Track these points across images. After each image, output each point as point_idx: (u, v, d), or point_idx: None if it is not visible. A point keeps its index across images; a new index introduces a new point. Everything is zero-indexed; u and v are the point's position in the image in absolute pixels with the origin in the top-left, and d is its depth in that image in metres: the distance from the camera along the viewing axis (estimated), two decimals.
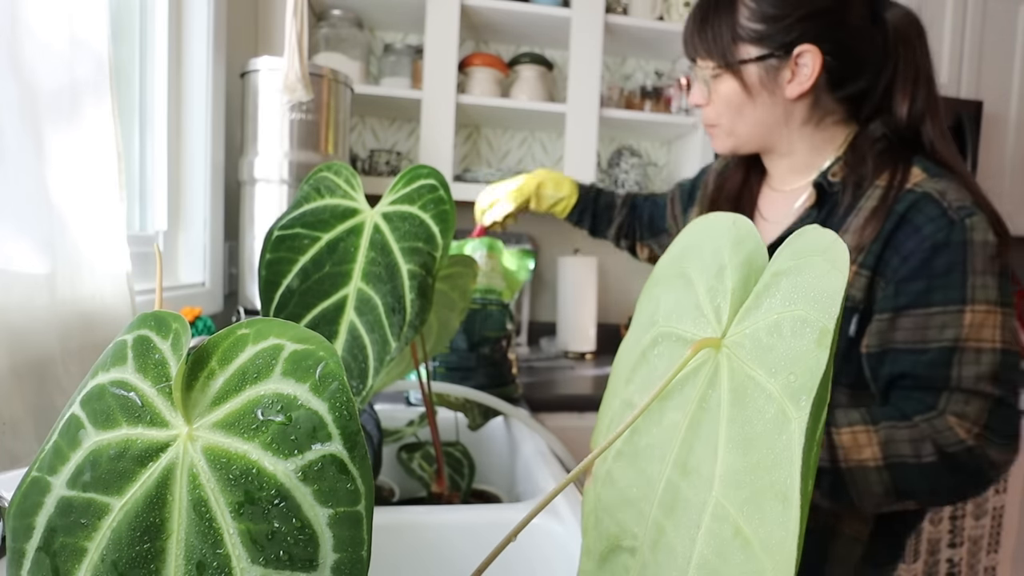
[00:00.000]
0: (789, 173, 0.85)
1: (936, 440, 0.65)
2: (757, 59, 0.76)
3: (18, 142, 0.59)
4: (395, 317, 0.47)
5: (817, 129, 0.81)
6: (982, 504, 1.72)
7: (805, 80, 0.75)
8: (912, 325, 0.68)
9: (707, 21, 0.79)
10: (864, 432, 0.67)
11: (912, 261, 0.68)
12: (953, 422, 0.65)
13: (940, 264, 0.67)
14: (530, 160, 2.04)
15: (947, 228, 0.67)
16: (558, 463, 0.77)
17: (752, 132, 0.82)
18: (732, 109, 0.81)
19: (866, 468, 0.66)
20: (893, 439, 0.66)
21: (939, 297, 0.67)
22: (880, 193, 0.73)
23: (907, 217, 0.70)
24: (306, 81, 0.94)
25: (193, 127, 1.21)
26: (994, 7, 1.94)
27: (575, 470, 0.26)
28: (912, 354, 0.68)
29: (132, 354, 0.25)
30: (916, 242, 0.69)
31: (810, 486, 0.22)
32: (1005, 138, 1.99)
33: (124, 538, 0.22)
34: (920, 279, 0.68)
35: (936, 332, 0.67)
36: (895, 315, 0.69)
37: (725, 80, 0.79)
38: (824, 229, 0.25)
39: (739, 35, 0.77)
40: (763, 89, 0.78)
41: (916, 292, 0.68)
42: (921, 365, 0.67)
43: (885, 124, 0.77)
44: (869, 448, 0.66)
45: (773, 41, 0.75)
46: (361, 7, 1.73)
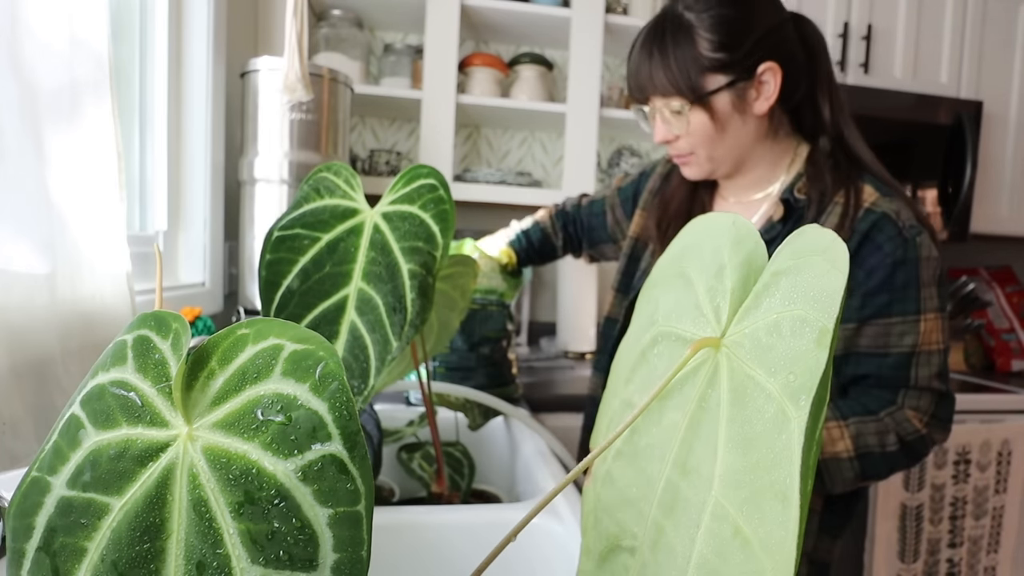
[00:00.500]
0: (744, 188, 0.89)
1: (898, 431, 0.75)
2: (727, 86, 0.79)
3: (18, 142, 0.59)
4: (396, 316, 0.47)
5: (775, 142, 0.86)
6: (982, 504, 1.73)
7: (771, 95, 0.79)
8: (875, 333, 0.77)
9: (668, 57, 0.79)
10: (836, 427, 0.75)
11: (876, 276, 0.77)
12: (911, 415, 0.77)
13: (899, 279, 0.76)
14: (530, 160, 2.04)
15: (903, 246, 0.76)
16: (558, 463, 0.77)
17: (729, 155, 0.84)
18: (707, 139, 0.82)
19: (839, 459, 0.74)
20: (862, 432, 0.75)
21: (898, 308, 0.76)
22: (840, 211, 0.79)
23: (869, 235, 0.77)
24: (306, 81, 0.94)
25: (193, 127, 1.21)
26: (994, 7, 1.94)
27: (575, 470, 0.26)
28: (875, 358, 0.77)
29: (132, 354, 0.25)
30: (878, 259, 0.77)
31: (810, 486, 0.22)
32: (1005, 138, 1.99)
33: (124, 538, 0.22)
34: (883, 293, 0.76)
35: (896, 339, 0.77)
36: (860, 324, 0.77)
37: (696, 113, 0.80)
38: (824, 229, 0.25)
39: (704, 66, 0.78)
40: (735, 112, 0.80)
41: (879, 304, 0.77)
42: (885, 367, 0.77)
43: (831, 139, 0.84)
44: (842, 441, 0.74)
45: (739, 66, 0.78)
46: (361, 7, 1.73)
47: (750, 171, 0.87)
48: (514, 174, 1.80)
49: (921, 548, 1.65)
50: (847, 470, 0.74)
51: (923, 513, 1.64)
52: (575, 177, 1.77)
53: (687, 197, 0.94)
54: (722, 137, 0.82)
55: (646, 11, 1.82)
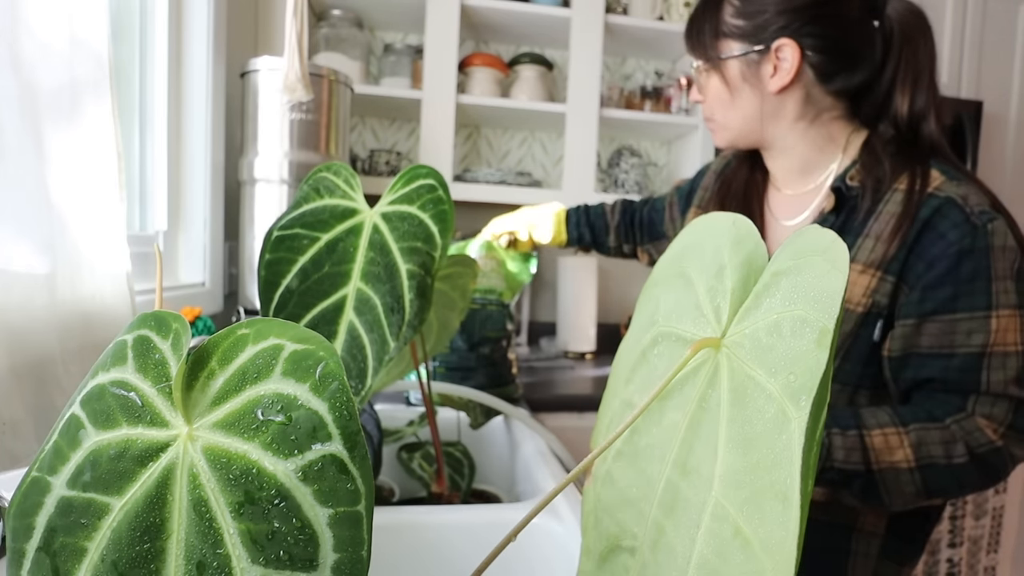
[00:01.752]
0: (792, 174, 0.84)
1: (967, 441, 0.67)
2: (738, 55, 0.78)
3: (18, 142, 0.59)
4: (394, 317, 0.47)
5: (812, 125, 0.80)
6: (982, 504, 1.73)
7: (786, 74, 0.76)
8: (938, 331, 0.69)
9: (696, 19, 0.82)
10: (895, 434, 0.67)
11: (938, 267, 0.69)
12: (982, 423, 0.67)
13: (965, 271, 0.68)
14: (530, 160, 2.04)
15: (971, 234, 0.68)
16: (558, 463, 0.77)
17: (742, 126, 0.83)
18: (720, 104, 0.83)
19: (898, 470, 0.66)
20: (925, 441, 0.67)
21: (965, 303, 0.68)
22: (901, 197, 0.72)
23: (931, 223, 0.70)
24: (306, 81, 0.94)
25: (193, 127, 1.21)
26: (994, 7, 1.94)
27: (575, 470, 0.26)
28: (939, 359, 0.69)
29: (132, 354, 0.25)
30: (941, 248, 0.69)
31: (810, 486, 0.22)
32: (1005, 138, 1.99)
33: (124, 538, 0.22)
34: (946, 285, 0.68)
35: (963, 337, 0.68)
36: (921, 320, 0.70)
37: (711, 76, 0.82)
38: (824, 229, 0.25)
39: (722, 32, 0.79)
40: (744, 83, 0.79)
41: (942, 298, 0.68)
42: (951, 370, 0.69)
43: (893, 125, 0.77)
44: (901, 450, 0.67)
45: (753, 37, 0.77)
46: (361, 7, 1.73)
47: (787, 152, 0.83)
48: (514, 174, 1.80)
49: None
50: (907, 483, 0.67)
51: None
52: (575, 177, 1.77)
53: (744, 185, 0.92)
54: (732, 106, 0.82)
55: (646, 11, 1.82)
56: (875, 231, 0.73)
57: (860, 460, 0.67)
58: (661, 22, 1.81)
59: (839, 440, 0.68)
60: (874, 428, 0.68)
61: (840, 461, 0.67)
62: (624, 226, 1.20)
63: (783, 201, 0.87)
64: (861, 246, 0.74)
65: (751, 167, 0.92)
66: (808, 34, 0.75)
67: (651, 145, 2.12)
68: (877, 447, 0.67)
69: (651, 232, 1.17)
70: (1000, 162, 1.99)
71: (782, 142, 0.82)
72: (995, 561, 1.75)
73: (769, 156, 0.87)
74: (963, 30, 1.91)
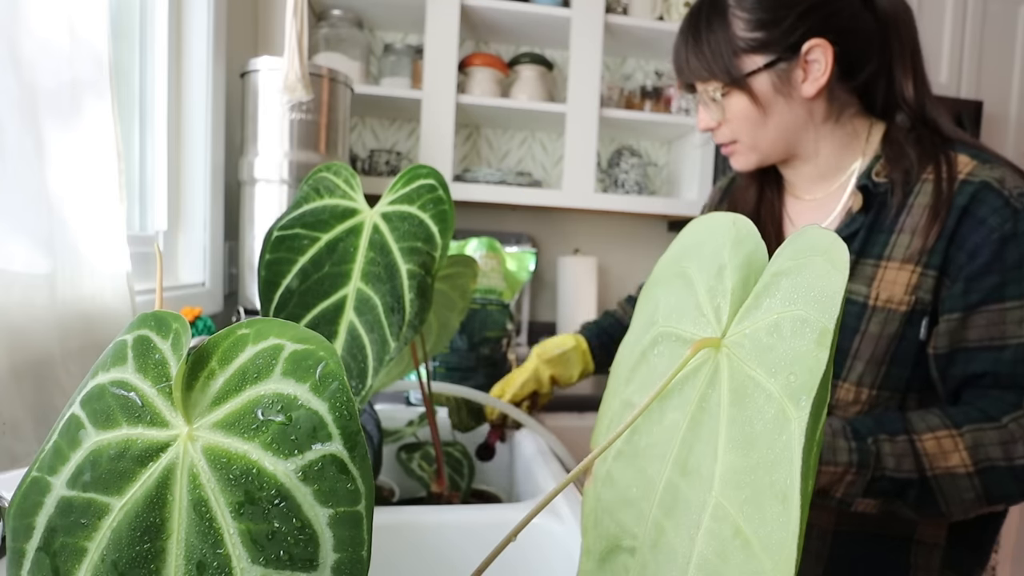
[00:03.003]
0: (812, 180, 0.81)
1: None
2: (765, 67, 0.73)
3: (18, 141, 0.59)
4: (394, 317, 0.47)
5: (838, 124, 0.78)
6: None
7: (820, 75, 0.73)
8: (986, 322, 0.66)
9: (701, 41, 0.76)
10: (948, 437, 0.63)
11: (981, 256, 0.66)
12: None
13: (1011, 256, 0.65)
14: (530, 160, 2.04)
15: (1012, 218, 0.65)
16: (558, 463, 0.77)
17: (776, 141, 0.78)
18: (750, 124, 0.77)
19: (955, 475, 0.63)
20: (982, 442, 0.63)
21: (1014, 291, 0.65)
22: (932, 187, 0.70)
23: (969, 210, 0.67)
24: (306, 81, 0.94)
25: (193, 127, 1.21)
26: (994, 7, 1.94)
27: (575, 470, 0.26)
28: (990, 352, 0.65)
29: (132, 354, 0.25)
30: (982, 235, 0.66)
31: (810, 486, 0.22)
32: (1005, 138, 1.99)
33: (124, 538, 0.22)
34: (992, 274, 0.65)
35: (1015, 327, 0.65)
36: (967, 313, 0.66)
37: (735, 97, 0.76)
38: (824, 229, 0.25)
39: (739, 47, 0.74)
40: (778, 95, 0.74)
41: (988, 288, 0.65)
42: (1003, 363, 0.65)
43: (908, 112, 0.75)
44: (957, 454, 0.63)
45: (778, 45, 0.72)
46: (361, 7, 1.73)
47: (811, 159, 0.79)
48: (514, 174, 1.80)
49: None
50: (966, 489, 0.62)
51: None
52: (575, 177, 1.77)
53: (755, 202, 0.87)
54: (766, 122, 0.76)
55: (646, 11, 1.82)
56: (909, 225, 0.70)
57: (913, 467, 0.63)
58: (661, 22, 1.81)
59: (888, 447, 0.63)
60: (924, 432, 0.64)
61: (891, 469, 0.63)
62: None
63: (804, 209, 0.83)
64: (896, 243, 0.71)
65: (760, 180, 0.88)
66: (829, 31, 0.72)
67: (651, 145, 2.12)
68: (930, 452, 0.63)
69: None
70: None
71: (810, 148, 0.79)
72: (995, 561, 1.75)
73: (790, 166, 0.83)
74: (963, 30, 1.91)
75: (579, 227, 2.08)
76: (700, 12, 0.77)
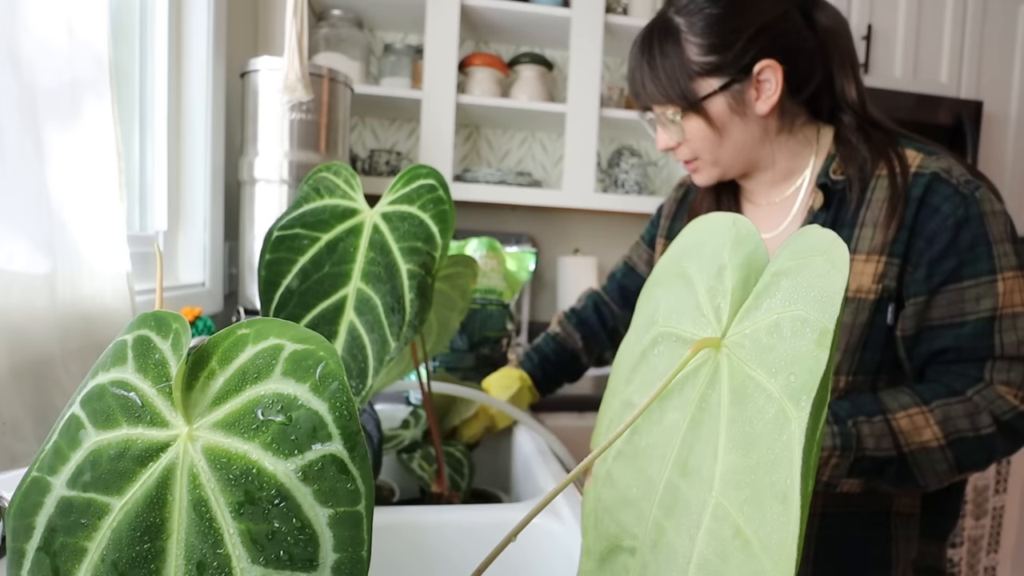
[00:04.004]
0: (770, 185, 0.86)
1: (991, 410, 0.67)
2: (720, 89, 0.76)
3: (18, 142, 0.59)
4: (394, 317, 0.47)
5: (791, 135, 0.82)
6: (982, 504, 1.72)
7: (772, 94, 0.76)
8: (947, 302, 0.70)
9: (655, 66, 0.78)
10: (920, 413, 0.68)
11: (938, 241, 0.70)
12: (1003, 390, 0.68)
13: (965, 239, 0.69)
14: (530, 160, 2.04)
15: (963, 204, 0.70)
16: (558, 463, 0.77)
17: (735, 157, 0.82)
18: (709, 143, 0.80)
19: (929, 449, 0.67)
20: (950, 416, 0.67)
21: (969, 271, 0.69)
22: (887, 182, 0.74)
23: (924, 200, 0.72)
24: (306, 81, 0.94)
25: (193, 127, 1.21)
26: (994, 7, 1.94)
27: (575, 470, 0.26)
28: (951, 328, 0.70)
29: (132, 354, 0.25)
30: (937, 222, 0.70)
31: (810, 486, 0.22)
32: (1005, 138, 1.99)
33: (124, 538, 0.22)
34: (949, 257, 0.70)
35: (972, 304, 0.69)
36: (930, 296, 0.71)
37: (692, 120, 0.79)
38: (824, 229, 0.25)
39: (693, 71, 0.76)
40: (734, 115, 0.78)
41: (948, 270, 0.70)
42: (963, 338, 0.69)
43: (852, 113, 0.80)
44: (929, 429, 0.67)
45: (731, 67, 0.76)
46: (361, 7, 1.73)
47: (768, 168, 0.84)
48: (514, 174, 1.80)
49: None
50: (939, 461, 0.67)
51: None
52: (575, 177, 1.77)
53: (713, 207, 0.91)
54: (723, 141, 0.80)
55: (646, 11, 1.82)
56: (870, 219, 0.74)
57: (891, 445, 0.67)
58: None
59: (867, 428, 0.68)
60: (898, 411, 0.69)
61: (872, 449, 0.67)
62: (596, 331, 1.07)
63: (760, 214, 0.87)
64: (860, 236, 0.75)
65: (717, 189, 0.91)
66: (777, 51, 0.76)
67: (651, 145, 2.12)
68: (905, 429, 0.68)
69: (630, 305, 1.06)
70: (1000, 162, 1.99)
71: (767, 160, 0.83)
72: (995, 561, 1.75)
73: (748, 176, 0.86)
74: (963, 30, 1.91)
75: (579, 227, 2.08)
76: (652, 37, 0.79)
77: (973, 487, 1.70)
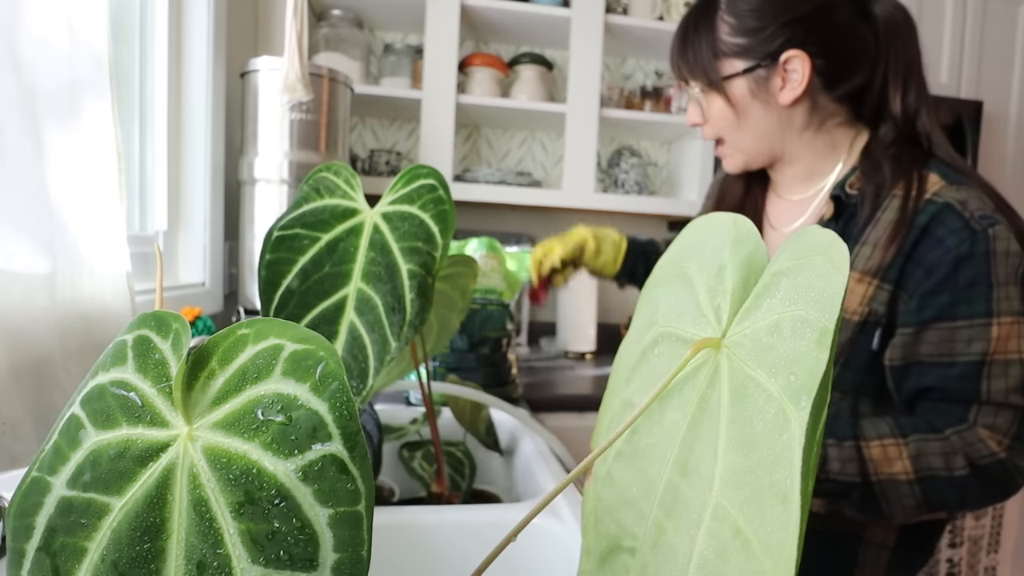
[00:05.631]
0: (795, 181, 0.84)
1: (968, 453, 0.65)
2: (744, 72, 0.76)
3: (18, 142, 0.59)
4: (395, 317, 0.47)
5: (819, 133, 0.80)
6: None
7: (797, 85, 0.75)
8: (937, 339, 0.68)
9: (687, 42, 0.79)
10: (894, 445, 0.66)
11: (936, 275, 0.68)
12: (984, 435, 0.66)
13: (964, 277, 0.67)
14: (530, 160, 2.04)
15: (970, 240, 0.67)
16: (558, 463, 0.77)
17: (756, 144, 0.81)
18: (727, 124, 0.80)
19: (897, 481, 0.66)
20: (924, 452, 0.66)
21: (964, 310, 0.67)
22: (899, 204, 0.72)
23: (929, 229, 0.69)
24: (306, 81, 0.94)
25: (193, 127, 1.21)
26: (994, 7, 1.94)
27: (575, 470, 0.26)
28: (939, 367, 0.68)
29: (132, 354, 0.25)
30: (939, 255, 0.68)
31: (810, 487, 0.22)
32: (1005, 138, 1.99)
33: (124, 538, 0.22)
34: (944, 293, 0.67)
35: (963, 346, 0.67)
36: (920, 329, 0.69)
37: (713, 98, 0.79)
38: (824, 229, 0.25)
39: (721, 51, 0.76)
40: (755, 100, 0.77)
41: (941, 306, 0.67)
42: (950, 379, 0.67)
43: (895, 127, 0.76)
44: (900, 462, 0.66)
45: (757, 52, 0.75)
46: (361, 7, 1.73)
47: (793, 163, 0.82)
48: (514, 174, 1.80)
49: None
50: (907, 495, 0.66)
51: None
52: (575, 177, 1.77)
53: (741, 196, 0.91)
54: (741, 125, 0.79)
55: (646, 11, 1.82)
56: (873, 238, 0.73)
57: (856, 471, 0.67)
58: (661, 22, 1.81)
59: (834, 451, 0.67)
60: (872, 439, 0.67)
61: (836, 472, 0.67)
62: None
63: (783, 207, 0.86)
64: (859, 253, 0.73)
65: (749, 177, 0.91)
66: (812, 43, 0.74)
67: (651, 145, 2.12)
68: (875, 458, 0.66)
69: None
70: (1000, 162, 1.99)
71: (790, 154, 0.82)
72: (995, 561, 1.75)
73: (775, 167, 0.86)
74: (963, 30, 1.91)
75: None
76: (693, 13, 0.80)
77: None
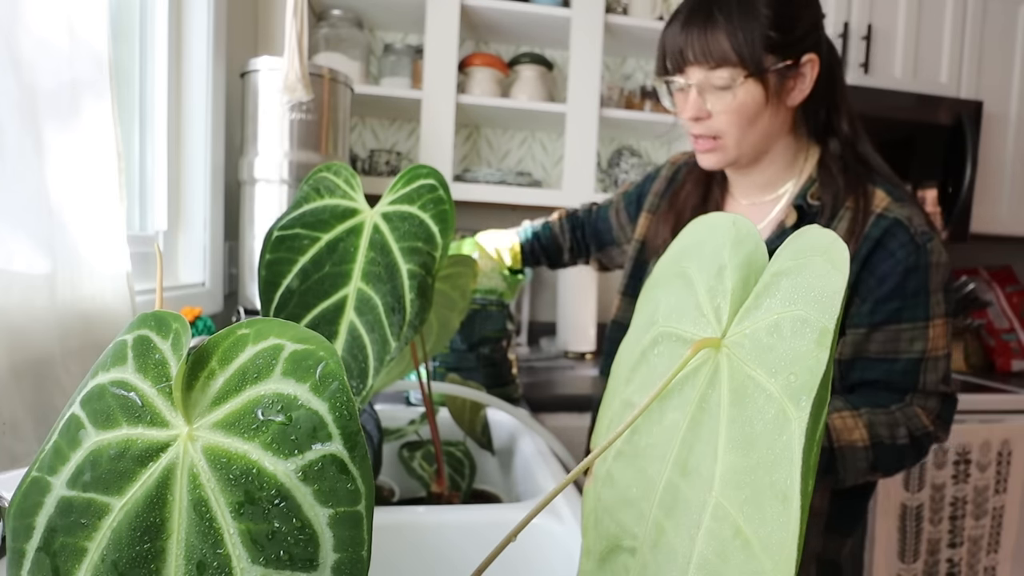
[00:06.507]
0: (754, 187, 0.87)
1: (908, 426, 0.76)
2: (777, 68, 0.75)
3: (18, 142, 0.59)
4: (395, 317, 0.47)
5: (794, 139, 0.84)
6: (982, 504, 1.72)
7: (806, 88, 0.78)
8: (885, 339, 0.77)
9: (733, 22, 0.74)
10: (851, 416, 0.75)
11: (888, 283, 0.76)
12: (919, 412, 0.78)
13: (911, 286, 0.76)
14: (530, 160, 2.04)
15: (915, 253, 0.76)
16: (558, 463, 0.77)
17: (758, 142, 0.81)
18: (745, 119, 0.77)
19: (855, 448, 0.74)
20: (874, 423, 0.75)
21: (909, 315, 0.77)
22: (850, 215, 0.79)
23: (882, 242, 0.77)
24: (306, 81, 0.94)
25: (193, 127, 1.21)
26: (994, 7, 1.94)
27: (575, 470, 0.26)
28: (885, 363, 0.78)
29: (132, 354, 0.25)
30: (890, 265, 0.76)
31: (810, 486, 0.22)
32: (1005, 138, 1.99)
33: (124, 538, 0.22)
34: (894, 299, 0.76)
35: (906, 344, 0.77)
36: (871, 330, 0.77)
37: (748, 88, 0.75)
38: (824, 229, 0.25)
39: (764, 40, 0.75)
40: (773, 97, 0.77)
41: (891, 310, 0.77)
42: (895, 373, 0.78)
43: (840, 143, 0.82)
44: (858, 431, 0.75)
45: (790, 50, 0.75)
46: (361, 7, 1.73)
47: (766, 168, 0.85)
48: (514, 174, 1.80)
49: (921, 548, 1.65)
50: (861, 460, 0.74)
51: (923, 513, 1.64)
52: (575, 177, 1.77)
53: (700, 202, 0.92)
54: (758, 122, 0.78)
55: (646, 11, 1.82)
56: None
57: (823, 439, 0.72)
58: (661, 22, 1.81)
59: None
60: (832, 412, 0.76)
61: None
62: (575, 242, 1.17)
63: (740, 211, 0.88)
64: None
65: (707, 177, 0.93)
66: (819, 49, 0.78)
67: (651, 145, 2.12)
68: (838, 427, 0.74)
69: (599, 242, 1.14)
70: (1000, 162, 1.99)
71: (772, 154, 0.84)
72: (995, 561, 1.75)
73: (744, 170, 0.86)
74: (963, 30, 1.91)
75: None
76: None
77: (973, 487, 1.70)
